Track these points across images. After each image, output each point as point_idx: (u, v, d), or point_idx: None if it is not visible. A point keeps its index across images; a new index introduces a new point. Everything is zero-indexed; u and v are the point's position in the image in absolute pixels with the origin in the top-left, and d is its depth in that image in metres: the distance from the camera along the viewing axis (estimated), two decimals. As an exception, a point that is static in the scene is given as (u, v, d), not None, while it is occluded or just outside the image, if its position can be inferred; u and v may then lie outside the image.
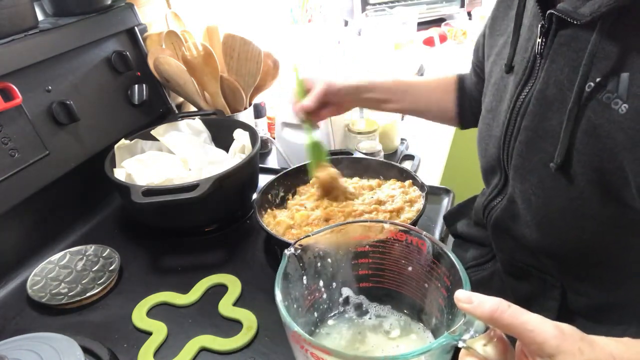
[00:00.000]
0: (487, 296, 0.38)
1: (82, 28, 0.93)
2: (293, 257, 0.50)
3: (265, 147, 1.17)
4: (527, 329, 0.36)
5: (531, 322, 0.36)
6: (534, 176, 0.57)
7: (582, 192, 0.53)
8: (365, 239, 0.53)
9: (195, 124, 0.99)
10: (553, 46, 0.54)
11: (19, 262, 0.81)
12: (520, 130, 0.58)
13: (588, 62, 0.49)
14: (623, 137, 0.47)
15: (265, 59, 1.11)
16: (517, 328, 0.36)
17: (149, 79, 1.07)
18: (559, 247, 0.59)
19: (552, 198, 0.56)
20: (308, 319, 0.54)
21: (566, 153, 0.52)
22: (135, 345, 0.65)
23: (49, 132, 0.85)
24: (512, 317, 0.36)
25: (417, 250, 0.50)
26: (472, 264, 0.78)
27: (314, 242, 0.52)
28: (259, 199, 0.81)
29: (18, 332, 0.65)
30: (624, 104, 0.47)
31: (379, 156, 1.01)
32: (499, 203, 0.66)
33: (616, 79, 0.47)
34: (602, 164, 0.50)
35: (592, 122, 0.50)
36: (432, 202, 0.91)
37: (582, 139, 0.51)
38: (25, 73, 0.82)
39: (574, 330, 0.38)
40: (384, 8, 1.84)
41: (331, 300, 0.56)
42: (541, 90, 0.55)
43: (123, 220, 0.94)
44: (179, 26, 1.16)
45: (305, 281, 0.53)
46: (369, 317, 0.56)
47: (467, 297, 0.38)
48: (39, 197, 0.82)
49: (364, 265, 0.55)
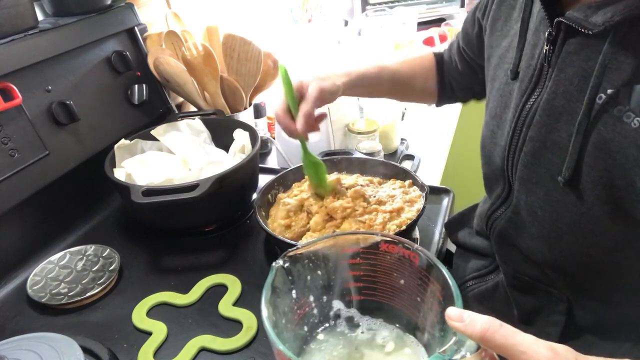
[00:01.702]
0: (479, 314, 0.37)
1: (82, 28, 0.93)
2: (281, 269, 0.48)
3: (265, 147, 1.17)
4: (519, 350, 0.35)
5: (524, 343, 0.35)
6: (541, 189, 0.55)
7: (591, 208, 0.51)
8: (356, 250, 0.52)
9: (195, 124, 0.99)
10: (562, 55, 0.52)
11: (19, 262, 0.81)
12: (526, 141, 0.56)
13: (599, 72, 0.47)
14: (635, 153, 0.45)
15: (265, 59, 1.11)
16: (508, 349, 0.35)
17: (149, 79, 1.07)
18: (565, 261, 0.57)
19: (559, 212, 0.54)
20: (297, 334, 0.53)
21: (575, 167, 0.50)
22: (135, 345, 0.65)
23: (49, 132, 0.85)
24: (504, 338, 0.35)
25: (409, 263, 0.49)
26: (475, 275, 0.76)
27: (303, 253, 0.50)
28: (259, 199, 0.81)
29: (18, 332, 0.65)
30: (636, 117, 0.45)
31: (379, 156, 1.01)
32: (503, 214, 0.64)
33: (629, 91, 0.45)
34: (613, 179, 0.48)
35: (602, 135, 0.48)
36: (432, 202, 0.91)
37: (591, 153, 0.49)
38: (25, 73, 0.82)
39: (568, 350, 0.37)
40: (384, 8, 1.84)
41: (322, 313, 0.55)
42: (549, 101, 0.53)
43: (123, 220, 0.94)
44: (179, 26, 1.16)
45: (294, 295, 0.51)
46: (361, 330, 0.54)
47: (459, 315, 0.37)
48: (39, 197, 0.82)
49: (356, 277, 0.53)
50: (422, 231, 0.84)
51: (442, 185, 0.96)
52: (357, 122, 1.09)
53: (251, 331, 0.65)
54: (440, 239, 0.83)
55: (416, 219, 0.74)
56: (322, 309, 0.54)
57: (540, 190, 0.56)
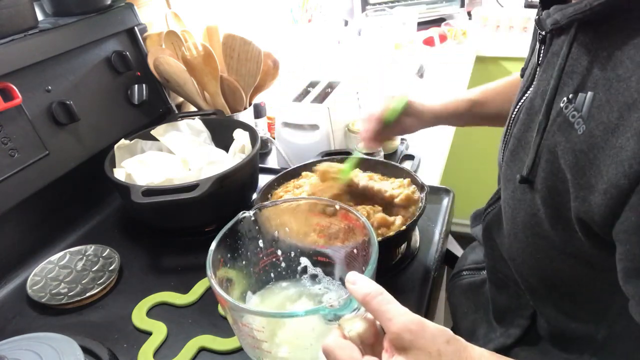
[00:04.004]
0: (372, 282, 0.40)
1: (82, 28, 0.93)
2: (249, 219, 0.57)
3: (265, 147, 1.17)
4: (386, 317, 0.38)
5: (391, 311, 0.38)
6: (510, 186, 0.56)
7: (539, 210, 0.51)
8: (320, 217, 0.61)
9: (195, 124, 0.99)
10: (547, 55, 0.52)
11: (19, 262, 0.81)
12: (511, 138, 0.57)
13: (557, 75, 0.47)
14: (572, 159, 0.44)
15: (265, 59, 1.11)
16: (379, 315, 0.38)
17: (149, 79, 1.07)
18: (521, 263, 0.58)
19: (517, 211, 0.55)
20: (261, 277, 0.62)
21: (532, 167, 0.50)
22: (135, 345, 0.65)
23: (49, 132, 0.85)
24: (378, 304, 0.38)
25: (358, 231, 0.57)
26: (471, 267, 0.77)
27: (273, 211, 0.60)
28: (259, 199, 0.81)
29: (18, 332, 0.65)
30: (583, 124, 0.43)
31: (378, 156, 1.01)
32: (493, 210, 0.66)
33: (583, 96, 0.44)
34: (556, 183, 0.48)
35: (555, 138, 0.47)
36: (432, 202, 0.91)
37: (544, 155, 0.49)
38: (25, 73, 0.82)
39: (445, 332, 0.39)
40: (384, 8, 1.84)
41: (289, 267, 0.63)
42: (531, 100, 0.54)
43: (123, 220, 0.94)
44: (179, 26, 1.16)
45: (261, 243, 0.60)
46: (318, 287, 0.62)
47: (353, 279, 0.40)
48: (39, 197, 0.82)
49: (320, 240, 0.62)
50: (422, 231, 0.84)
51: (442, 185, 0.96)
52: (357, 122, 1.09)
53: (251, 331, 0.65)
54: (440, 239, 0.83)
55: (416, 218, 0.74)
56: (289, 262, 0.63)
57: (510, 187, 0.56)
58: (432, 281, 0.74)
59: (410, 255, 0.79)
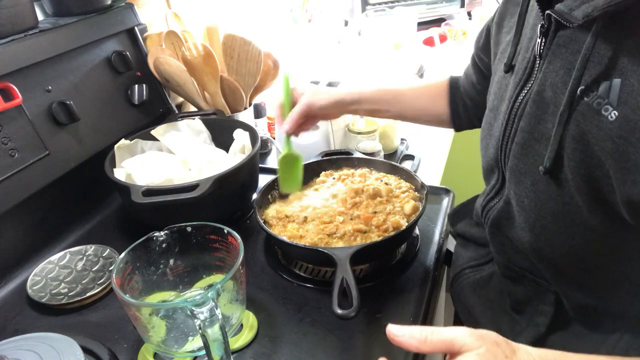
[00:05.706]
0: (413, 326, 0.43)
1: (82, 28, 0.93)
2: None
3: (265, 147, 1.17)
4: (449, 340, 0.42)
5: (446, 332, 0.42)
6: (528, 179, 0.57)
7: (572, 198, 0.52)
8: None
9: (195, 124, 0.99)
10: (552, 47, 0.53)
11: (19, 262, 0.81)
12: (517, 132, 0.58)
13: (581, 65, 0.48)
14: (610, 146, 0.46)
15: (265, 59, 1.11)
16: (443, 346, 0.42)
17: (149, 79, 1.07)
18: (550, 252, 0.59)
19: (544, 202, 0.56)
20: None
21: (557, 157, 0.52)
22: (135, 345, 0.65)
23: (49, 132, 0.85)
24: (436, 338, 0.42)
25: None
26: (473, 264, 0.78)
27: None
28: (259, 199, 0.81)
29: (18, 332, 0.65)
30: (613, 110, 0.46)
31: (379, 156, 1.01)
32: (496, 204, 0.66)
33: (608, 84, 0.46)
34: (590, 170, 0.49)
35: (581, 127, 0.49)
36: (432, 202, 0.91)
37: (570, 144, 0.50)
38: (25, 73, 0.82)
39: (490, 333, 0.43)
40: (384, 8, 1.84)
41: None
42: (538, 92, 0.55)
43: (123, 220, 0.94)
44: (179, 26, 1.16)
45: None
46: None
47: (395, 332, 0.43)
48: (39, 197, 0.82)
49: None
50: (422, 231, 0.84)
51: (442, 185, 0.96)
52: (357, 122, 1.09)
53: (251, 331, 0.65)
54: (440, 239, 0.83)
55: (416, 219, 0.74)
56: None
57: (527, 180, 0.57)
58: (432, 281, 0.74)
59: (410, 255, 0.79)
